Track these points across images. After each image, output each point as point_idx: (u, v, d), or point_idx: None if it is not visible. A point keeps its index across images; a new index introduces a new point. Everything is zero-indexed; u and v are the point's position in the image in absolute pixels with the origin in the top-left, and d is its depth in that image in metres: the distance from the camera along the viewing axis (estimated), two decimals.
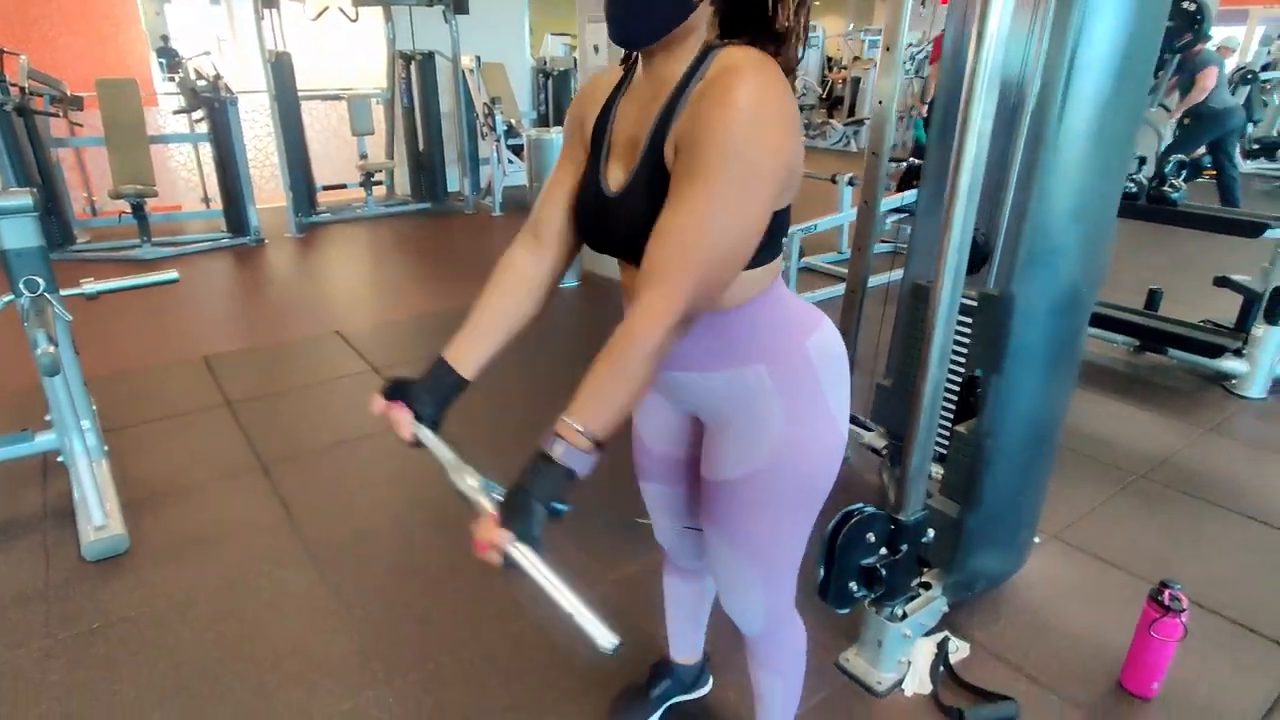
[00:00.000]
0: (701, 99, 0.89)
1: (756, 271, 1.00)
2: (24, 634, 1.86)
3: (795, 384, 1.08)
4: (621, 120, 1.03)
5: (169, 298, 4.35)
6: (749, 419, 1.09)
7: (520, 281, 1.14)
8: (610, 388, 0.88)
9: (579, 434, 0.87)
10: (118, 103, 5.27)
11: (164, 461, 2.66)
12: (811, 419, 1.10)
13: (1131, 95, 1.56)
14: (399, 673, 1.77)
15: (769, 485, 1.12)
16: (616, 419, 0.89)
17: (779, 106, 0.89)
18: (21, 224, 2.21)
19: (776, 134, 0.89)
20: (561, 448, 0.87)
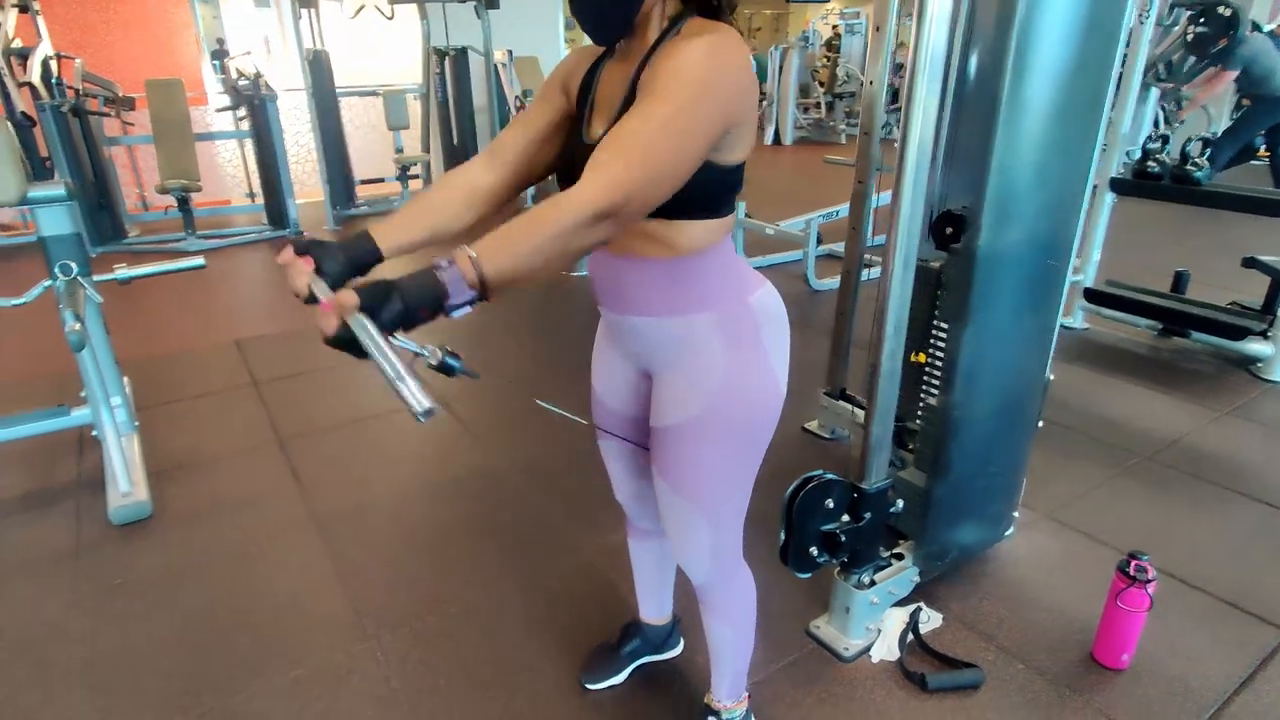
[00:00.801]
0: (665, 51, 0.99)
1: (711, 223, 1.08)
2: (54, 589, 2.02)
3: (738, 335, 1.15)
4: (604, 83, 1.12)
5: (207, 286, 4.59)
6: (693, 365, 1.16)
7: (463, 187, 1.16)
8: (518, 238, 0.89)
9: (470, 260, 0.86)
10: (165, 102, 5.54)
11: (190, 436, 2.83)
12: (751, 369, 1.17)
13: (1096, 61, 1.55)
14: (389, 629, 1.87)
15: (710, 429, 1.18)
16: (511, 270, 0.88)
17: (732, 61, 0.96)
18: (57, 212, 2.37)
19: (726, 79, 0.96)
20: (445, 266, 0.86)
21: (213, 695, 1.68)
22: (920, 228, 1.47)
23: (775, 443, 1.25)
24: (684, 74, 0.94)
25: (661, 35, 1.03)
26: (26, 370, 3.39)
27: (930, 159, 1.59)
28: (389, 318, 0.83)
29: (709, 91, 0.95)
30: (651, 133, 0.92)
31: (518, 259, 0.89)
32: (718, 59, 0.95)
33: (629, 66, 1.06)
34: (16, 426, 2.47)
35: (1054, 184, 1.57)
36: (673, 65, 0.95)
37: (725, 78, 0.96)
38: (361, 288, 0.84)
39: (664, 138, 0.93)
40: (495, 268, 0.87)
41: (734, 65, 0.97)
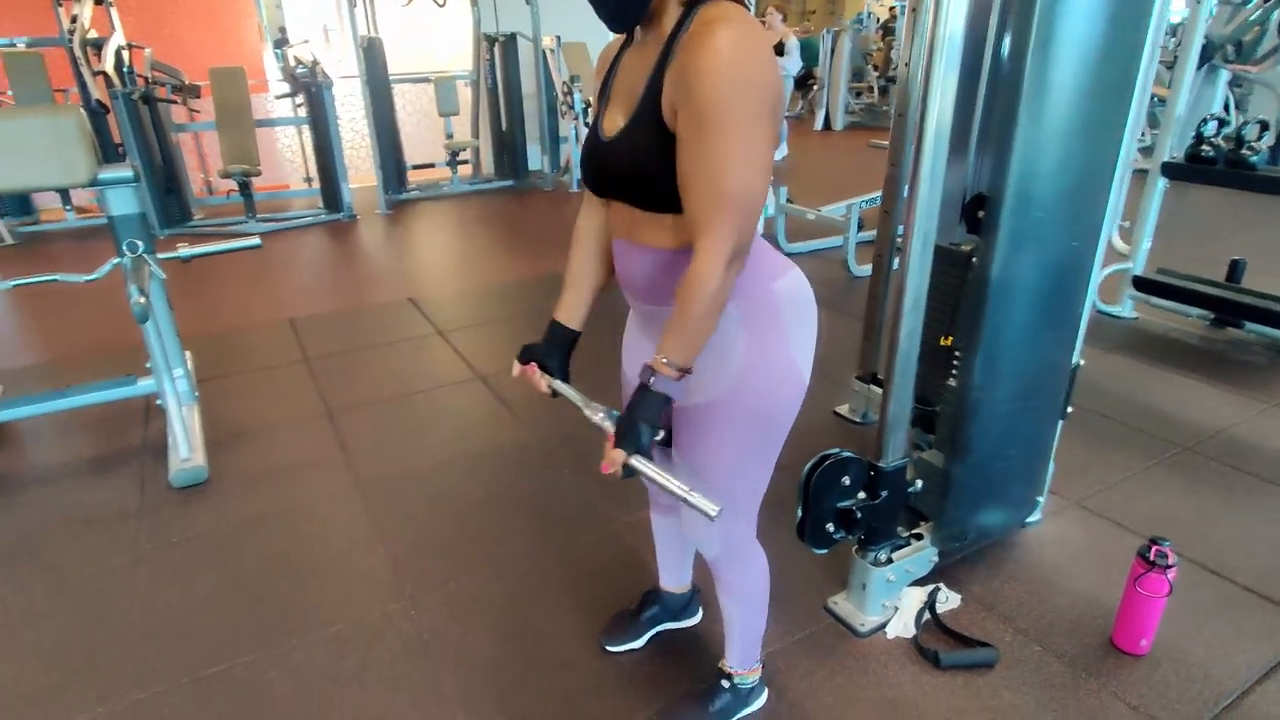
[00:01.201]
0: (687, 48, 1.00)
1: None
2: (118, 545, 2.18)
3: (759, 322, 1.18)
4: (622, 74, 1.15)
5: (265, 267, 4.79)
6: (716, 351, 1.18)
7: (590, 239, 1.33)
8: (688, 329, 1.07)
9: (666, 365, 1.08)
10: (227, 89, 5.77)
11: (246, 407, 2.99)
12: (772, 355, 1.20)
13: (1124, 43, 1.54)
14: (423, 590, 1.98)
15: (729, 412, 1.22)
16: (695, 349, 1.09)
17: (755, 48, 0.99)
18: (124, 193, 2.52)
19: (758, 71, 0.99)
20: (655, 379, 1.09)
21: (257, 645, 1.80)
22: (938, 208, 1.48)
23: (805, 426, 1.30)
24: (725, 94, 0.96)
25: (678, 24, 1.03)
26: (98, 344, 3.61)
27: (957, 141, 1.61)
28: (647, 443, 1.09)
29: (754, 101, 0.99)
30: (731, 172, 1.00)
31: (696, 339, 1.09)
32: (747, 60, 0.97)
33: (648, 58, 1.07)
34: (88, 394, 2.65)
35: (1079, 166, 1.56)
36: (706, 81, 0.97)
37: (762, 77, 0.99)
38: (619, 434, 1.10)
39: (742, 169, 1.00)
40: (683, 357, 1.09)
41: (762, 60, 0.99)
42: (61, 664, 1.76)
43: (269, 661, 1.75)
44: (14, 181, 2.37)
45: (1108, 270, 3.67)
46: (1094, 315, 3.68)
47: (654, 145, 1.04)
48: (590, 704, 1.63)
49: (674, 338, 1.08)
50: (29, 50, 5.73)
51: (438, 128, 7.04)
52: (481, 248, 5.36)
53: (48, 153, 2.29)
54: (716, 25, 0.97)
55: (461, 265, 5.02)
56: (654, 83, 1.04)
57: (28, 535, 2.23)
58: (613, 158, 1.12)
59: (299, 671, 1.73)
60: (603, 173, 1.16)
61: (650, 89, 1.04)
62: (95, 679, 1.72)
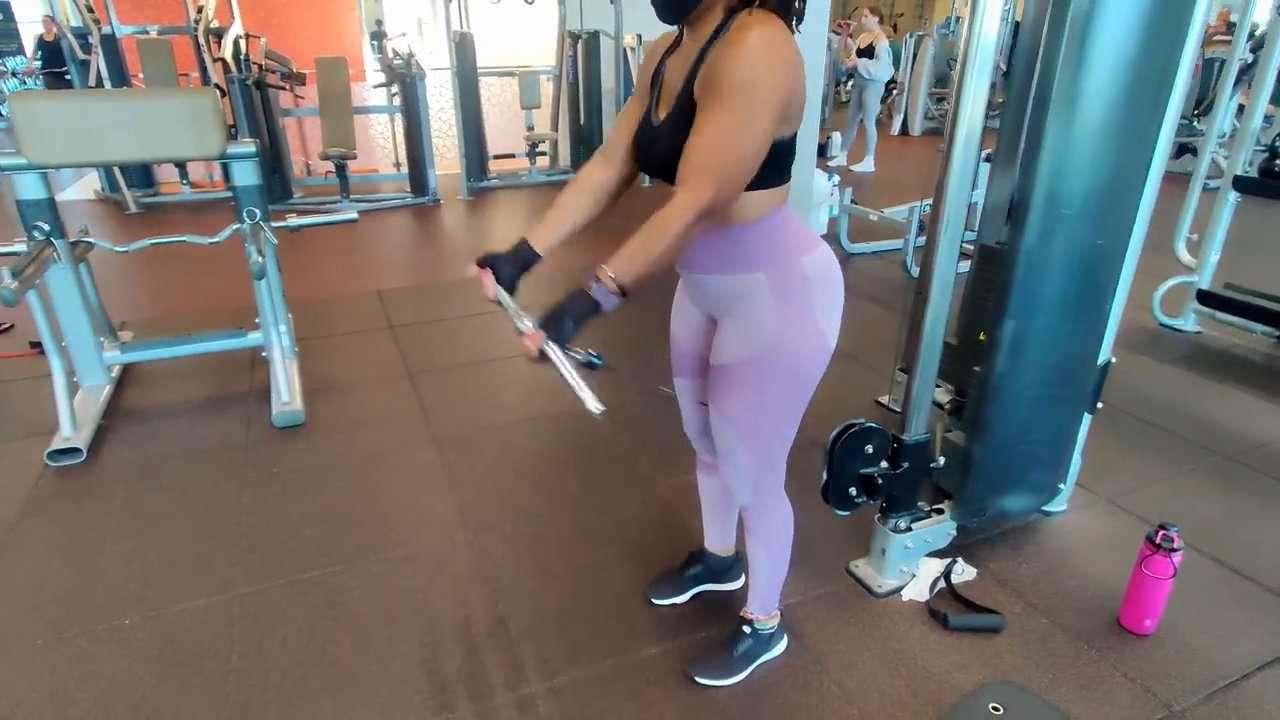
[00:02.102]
0: (722, 44, 1.18)
1: (765, 193, 1.28)
2: (229, 471, 2.50)
3: (787, 292, 1.35)
4: (670, 72, 1.33)
5: (356, 242, 5.18)
6: (747, 317, 1.37)
7: (589, 187, 1.47)
8: (642, 251, 1.17)
9: (610, 279, 1.17)
10: (331, 78, 6.21)
11: (336, 365, 3.31)
12: (799, 323, 1.37)
13: (1159, 54, 1.64)
14: (484, 527, 2.22)
15: (757, 371, 1.39)
16: (640, 275, 1.17)
17: (780, 52, 1.15)
18: (247, 167, 2.86)
19: (777, 72, 1.15)
20: (594, 285, 1.17)
21: (342, 559, 2.08)
22: (966, 205, 1.63)
23: (848, 412, 1.44)
24: (743, 76, 1.13)
25: (719, 28, 1.20)
26: (213, 301, 4.02)
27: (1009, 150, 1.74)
28: (566, 336, 1.17)
29: (761, 91, 1.14)
30: (725, 138, 1.15)
31: (646, 264, 1.17)
32: (764, 56, 1.13)
33: (688, 57, 1.25)
34: (206, 343, 3.01)
35: (1107, 169, 1.67)
36: (727, 68, 1.14)
37: (773, 74, 1.15)
38: (543, 319, 1.17)
39: (737, 140, 1.15)
40: (630, 276, 1.17)
41: (780, 59, 1.15)
42: (182, 560, 2.08)
43: (351, 572, 2.03)
44: (158, 151, 2.72)
45: (1171, 282, 3.67)
46: (1155, 328, 3.70)
47: (689, 130, 1.21)
48: (629, 644, 1.81)
49: (625, 258, 1.17)
50: (160, 37, 6.29)
51: (519, 120, 7.36)
52: None
53: (187, 128, 2.63)
54: (750, 26, 1.14)
55: None
56: (690, 76, 1.22)
57: (154, 459, 2.58)
58: (657, 142, 1.30)
59: (377, 583, 1.99)
60: (649, 155, 1.34)
61: (687, 84, 1.22)
62: (209, 575, 2.02)
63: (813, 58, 4.72)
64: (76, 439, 2.56)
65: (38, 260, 2.55)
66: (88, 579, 2.01)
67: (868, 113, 7.74)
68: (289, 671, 1.73)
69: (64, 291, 2.78)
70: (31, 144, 2.50)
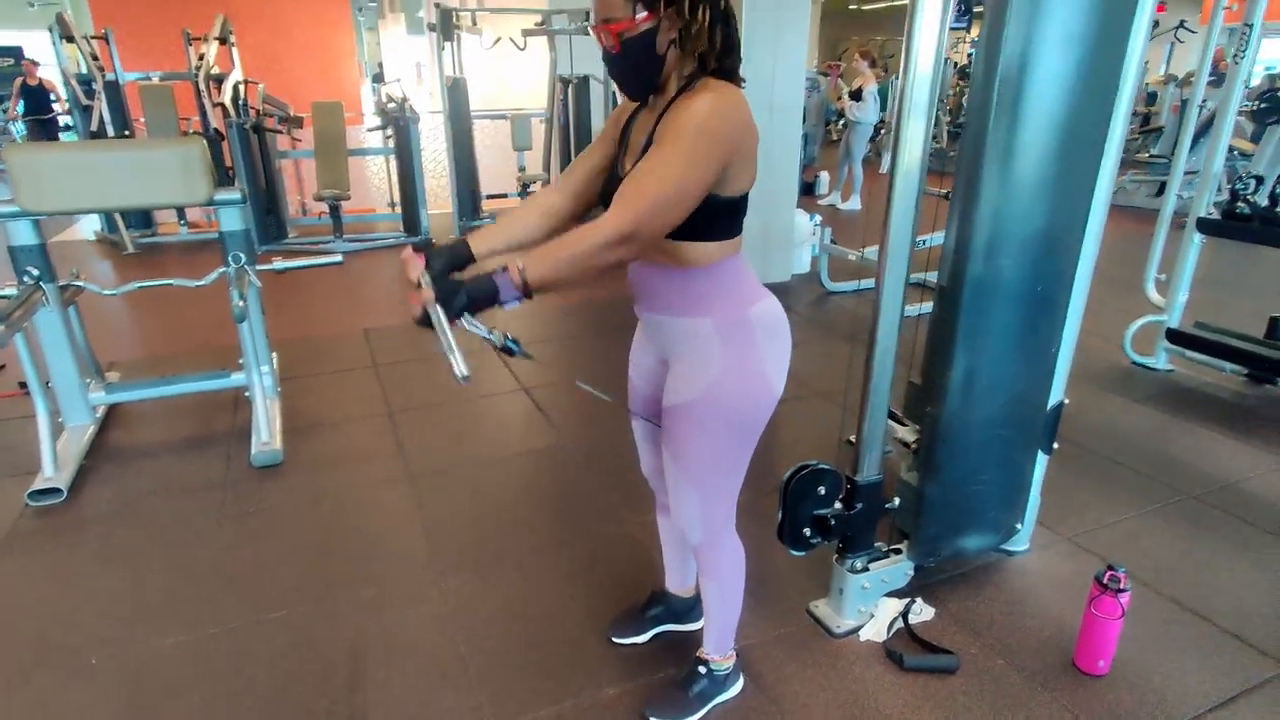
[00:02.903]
0: (680, 102, 1.28)
1: (717, 244, 1.37)
2: (205, 510, 2.54)
3: (734, 338, 1.41)
4: (636, 129, 1.43)
5: (347, 281, 5.27)
6: (696, 358, 1.44)
7: (539, 206, 1.51)
8: (556, 253, 1.21)
9: (518, 270, 1.18)
10: (327, 121, 6.37)
11: (319, 403, 3.37)
12: (745, 369, 1.43)
13: (1093, 107, 1.72)
14: (452, 569, 2.25)
15: (703, 412, 1.45)
16: (550, 278, 1.19)
17: (730, 112, 1.25)
18: (234, 212, 2.95)
19: (722, 128, 1.24)
20: (501, 275, 1.19)
21: (311, 598, 2.11)
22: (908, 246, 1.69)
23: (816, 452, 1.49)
24: (686, 126, 1.23)
25: (678, 91, 1.31)
26: (200, 342, 4.09)
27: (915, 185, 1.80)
28: (456, 307, 1.19)
29: (705, 138, 1.23)
30: (659, 174, 1.22)
31: (555, 269, 1.21)
32: (715, 110, 1.23)
33: (652, 117, 1.34)
34: (189, 384, 3.07)
35: (1043, 218, 1.74)
36: (679, 120, 1.24)
37: (721, 125, 1.24)
38: (437, 284, 1.19)
39: (668, 178, 1.22)
40: (537, 275, 1.19)
41: (729, 115, 1.25)
42: (153, 600, 2.11)
43: (319, 612, 2.06)
44: (148, 198, 2.81)
45: (1141, 321, 3.74)
46: (1127, 366, 3.75)
47: None
48: (588, 685, 1.83)
49: (536, 256, 1.21)
50: (161, 83, 6.47)
51: (511, 160, 7.52)
52: None
53: (177, 176, 2.72)
54: (708, 89, 1.26)
55: None
56: (652, 134, 1.31)
57: (133, 499, 2.62)
58: None
59: (342, 623, 2.02)
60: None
61: (650, 139, 1.31)
62: (179, 614, 2.05)
63: (791, 99, 4.86)
64: (57, 479, 2.60)
65: (26, 304, 2.62)
66: (58, 618, 2.04)
67: (853, 154, 7.90)
68: (251, 712, 1.75)
69: (51, 334, 2.85)
70: (27, 193, 2.59)
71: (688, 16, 1.25)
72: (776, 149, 4.81)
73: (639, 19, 1.25)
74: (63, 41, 6.12)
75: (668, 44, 1.28)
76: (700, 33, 1.26)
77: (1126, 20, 1.69)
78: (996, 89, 1.61)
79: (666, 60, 1.29)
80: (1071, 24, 1.60)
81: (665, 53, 1.28)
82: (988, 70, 1.63)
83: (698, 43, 1.27)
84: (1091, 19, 1.61)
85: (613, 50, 1.29)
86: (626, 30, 1.25)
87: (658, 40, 1.27)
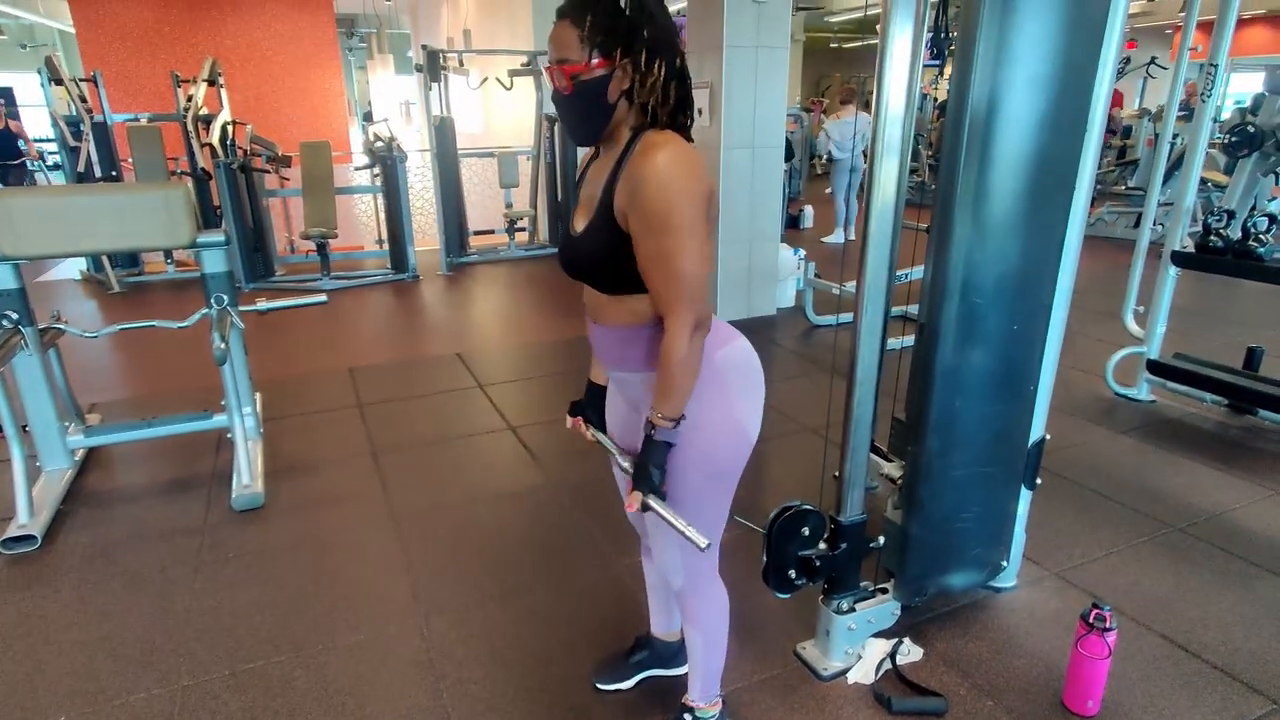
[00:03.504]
0: (632, 168, 1.28)
1: None
2: (184, 556, 2.50)
3: (703, 386, 1.40)
4: (588, 182, 1.44)
5: (334, 319, 5.26)
6: None
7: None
8: (667, 386, 1.32)
9: (662, 419, 1.33)
10: (314, 160, 6.41)
11: (302, 444, 3.34)
12: (716, 415, 1.42)
13: (1062, 151, 1.75)
14: (436, 612, 2.22)
15: (679, 462, 1.42)
16: (681, 400, 1.33)
17: (688, 169, 1.26)
18: (217, 254, 2.95)
19: (691, 186, 1.26)
20: (655, 431, 1.34)
21: (289, 648, 2.07)
22: (884, 284, 1.71)
23: (804, 490, 1.49)
24: (663, 208, 1.23)
25: (628, 144, 1.31)
26: (184, 382, 4.06)
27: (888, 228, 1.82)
28: (657, 483, 1.35)
29: (685, 210, 1.24)
30: (674, 261, 1.26)
31: (678, 393, 1.33)
32: (677, 177, 1.23)
33: (604, 171, 1.34)
34: (170, 426, 3.04)
35: (1015, 259, 1.76)
36: (648, 199, 1.23)
37: (694, 185, 1.25)
38: (635, 478, 1.36)
39: (682, 256, 1.26)
40: (672, 409, 1.34)
41: (697, 174, 1.26)
42: (126, 651, 2.06)
43: (296, 662, 2.01)
44: (132, 241, 2.80)
45: (1122, 353, 3.77)
46: (1110, 397, 3.78)
47: (609, 244, 1.31)
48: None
49: (661, 396, 1.32)
50: (149, 125, 6.51)
51: (498, 197, 7.58)
52: (528, 309, 5.75)
53: (159, 219, 2.72)
54: (654, 149, 1.25)
55: (507, 324, 5.39)
56: (607, 193, 1.31)
57: (110, 543, 2.57)
58: (579, 251, 1.39)
59: (321, 672, 1.98)
60: (572, 262, 1.43)
61: (605, 198, 1.32)
62: (152, 665, 2.00)
63: (773, 137, 4.93)
64: (32, 526, 2.56)
65: (4, 349, 2.60)
66: (27, 671, 1.99)
67: (835, 188, 8.04)
68: None
69: (30, 377, 2.82)
70: (6, 238, 2.58)
71: (643, 69, 1.27)
72: (759, 186, 4.87)
73: (594, 64, 1.26)
74: (51, 84, 6.17)
75: (619, 94, 1.29)
76: (653, 87, 1.28)
77: (1092, 61, 1.74)
78: (966, 130, 1.64)
79: (616, 109, 1.30)
80: (1037, 66, 1.64)
81: (616, 101, 1.30)
82: (958, 112, 1.66)
83: (649, 95, 1.29)
84: (1057, 61, 1.65)
85: (565, 91, 1.30)
86: (581, 74, 1.27)
87: (610, 88, 1.28)
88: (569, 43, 1.26)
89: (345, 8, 14.69)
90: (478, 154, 7.68)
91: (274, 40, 12.44)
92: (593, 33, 1.25)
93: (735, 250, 5.01)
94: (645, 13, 1.27)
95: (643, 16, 1.27)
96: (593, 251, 1.35)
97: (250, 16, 12.29)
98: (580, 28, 1.25)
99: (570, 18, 1.26)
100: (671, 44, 1.31)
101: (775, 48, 4.77)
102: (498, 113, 9.52)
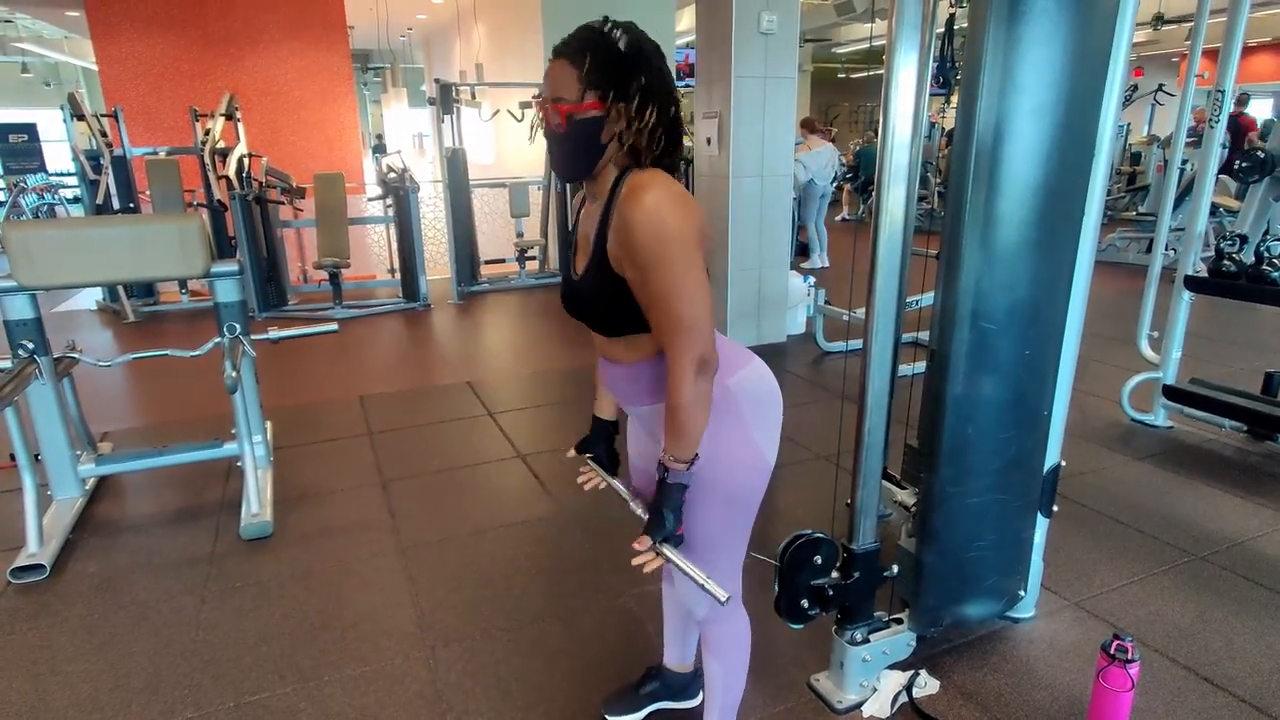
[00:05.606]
0: (621, 211, 1.27)
1: None
2: (192, 586, 2.49)
3: (717, 414, 1.38)
4: (582, 223, 1.44)
5: (345, 348, 5.28)
6: None
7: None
8: (677, 426, 1.29)
9: (674, 461, 1.31)
10: (327, 191, 6.50)
11: (312, 473, 3.33)
12: (733, 442, 1.40)
13: (1069, 178, 1.75)
14: (444, 643, 2.19)
15: (697, 493, 1.39)
16: (692, 441, 1.30)
17: (676, 207, 1.25)
18: (229, 284, 2.98)
19: (682, 224, 1.25)
20: (669, 474, 1.31)
21: (295, 678, 2.04)
22: (894, 311, 1.70)
23: (816, 518, 1.47)
24: (656, 251, 1.22)
25: (614, 186, 1.30)
26: (195, 411, 4.08)
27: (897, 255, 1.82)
28: (671, 529, 1.32)
29: (678, 249, 1.24)
30: (674, 302, 1.25)
31: (689, 432, 1.30)
32: (667, 217, 1.23)
33: (596, 211, 1.34)
34: (181, 454, 3.05)
35: (1025, 284, 1.75)
36: (641, 243, 1.23)
37: (681, 226, 1.24)
38: (648, 525, 1.33)
39: (685, 302, 1.25)
40: (684, 449, 1.31)
41: (677, 212, 1.24)
42: (131, 682, 2.04)
43: (302, 694, 1.99)
44: (147, 271, 2.84)
45: (1138, 378, 3.73)
46: (1127, 423, 3.73)
47: (606, 288, 1.31)
48: None
49: (671, 438, 1.30)
50: (167, 158, 6.63)
51: (510, 226, 7.65)
52: (537, 337, 5.76)
53: (174, 250, 2.76)
54: (640, 191, 1.24)
55: (517, 353, 5.40)
56: (600, 237, 1.31)
57: (117, 574, 2.56)
58: (579, 294, 1.39)
59: (326, 704, 1.95)
60: (573, 304, 1.43)
61: (598, 243, 1.31)
62: (157, 698, 1.98)
63: (782, 165, 4.96)
64: (41, 555, 2.55)
65: (19, 378, 2.62)
66: (30, 703, 1.97)
67: (805, 217, 8.23)
68: None
69: (44, 406, 2.84)
70: (24, 269, 2.62)
71: (634, 114, 1.27)
72: (768, 214, 4.89)
73: (587, 104, 1.26)
74: (73, 120, 6.31)
75: (612, 135, 1.29)
76: (642, 132, 1.28)
77: (1097, 90, 1.74)
78: (973, 159, 1.64)
79: (606, 150, 1.30)
80: (1043, 95, 1.64)
81: (607, 143, 1.29)
82: (964, 141, 1.67)
83: (638, 139, 1.28)
84: (1062, 90, 1.65)
85: (558, 129, 1.29)
86: (575, 113, 1.27)
87: (603, 129, 1.28)
88: (566, 82, 1.27)
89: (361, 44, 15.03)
90: (489, 184, 7.76)
91: (291, 75, 12.71)
92: (590, 74, 1.25)
93: (745, 278, 5.02)
94: (643, 58, 1.27)
95: (640, 61, 1.27)
96: (594, 296, 1.35)
97: (268, 53, 12.57)
98: (579, 68, 1.26)
99: (569, 58, 1.27)
100: (667, 91, 1.30)
101: (783, 78, 4.83)
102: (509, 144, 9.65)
